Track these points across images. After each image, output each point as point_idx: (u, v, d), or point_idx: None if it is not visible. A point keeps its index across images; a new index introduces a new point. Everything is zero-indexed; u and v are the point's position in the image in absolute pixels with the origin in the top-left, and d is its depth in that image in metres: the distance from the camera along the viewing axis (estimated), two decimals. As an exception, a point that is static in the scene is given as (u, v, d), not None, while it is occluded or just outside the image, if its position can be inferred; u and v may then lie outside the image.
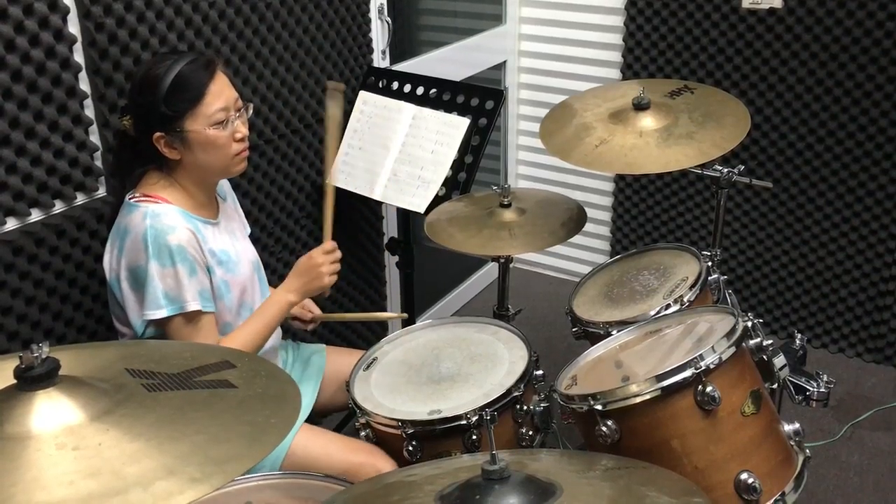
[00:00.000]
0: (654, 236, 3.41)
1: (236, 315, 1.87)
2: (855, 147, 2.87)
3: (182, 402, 1.05)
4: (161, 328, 1.73)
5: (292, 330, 2.24)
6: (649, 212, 3.38)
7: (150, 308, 1.69)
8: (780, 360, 1.67)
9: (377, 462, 1.76)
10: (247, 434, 1.00)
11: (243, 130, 1.77)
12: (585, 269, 2.29)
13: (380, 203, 2.68)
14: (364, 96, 2.54)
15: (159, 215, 1.69)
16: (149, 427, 0.98)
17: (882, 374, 3.06)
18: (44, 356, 0.99)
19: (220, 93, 1.72)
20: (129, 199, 1.74)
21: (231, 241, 1.89)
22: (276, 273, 2.51)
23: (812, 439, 2.70)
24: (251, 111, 1.82)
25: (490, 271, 3.70)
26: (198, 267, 1.72)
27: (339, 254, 1.94)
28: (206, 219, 1.81)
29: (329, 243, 1.94)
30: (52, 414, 0.96)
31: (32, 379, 0.98)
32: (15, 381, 0.99)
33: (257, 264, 1.97)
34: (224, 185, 1.98)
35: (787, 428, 1.59)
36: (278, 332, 2.01)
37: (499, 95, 2.38)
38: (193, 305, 1.71)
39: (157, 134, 1.70)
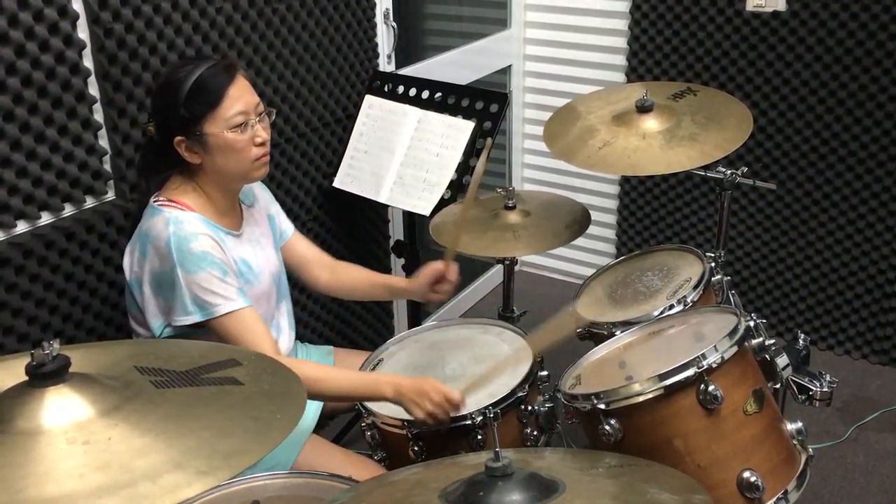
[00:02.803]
0: (658, 238, 3.42)
1: None
2: (859, 149, 2.88)
3: (189, 398, 1.07)
4: (198, 331, 1.73)
5: (299, 332, 2.26)
6: (654, 214, 3.39)
7: (180, 314, 1.70)
8: (782, 360, 1.68)
9: None
10: (252, 429, 1.01)
11: (263, 135, 1.77)
12: (590, 272, 2.30)
13: (386, 206, 2.70)
14: (370, 100, 2.56)
15: (182, 222, 1.69)
16: (157, 422, 1.00)
17: (888, 375, 3.06)
18: (54, 354, 1.01)
19: (240, 97, 1.72)
20: (154, 202, 1.74)
21: (253, 252, 1.88)
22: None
23: (818, 441, 2.71)
24: (273, 117, 1.81)
25: (496, 274, 3.71)
26: (227, 267, 1.73)
27: (452, 411, 1.70)
28: (227, 229, 1.82)
29: (460, 398, 1.70)
30: (62, 410, 0.98)
31: (43, 376, 1.00)
32: (26, 378, 1.01)
33: (277, 276, 1.96)
34: (254, 189, 1.98)
35: (790, 427, 1.60)
36: (291, 336, 2.02)
37: (503, 99, 2.39)
38: (229, 306, 1.70)
39: (178, 138, 1.71)
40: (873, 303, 3.05)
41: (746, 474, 1.49)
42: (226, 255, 1.75)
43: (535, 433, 1.80)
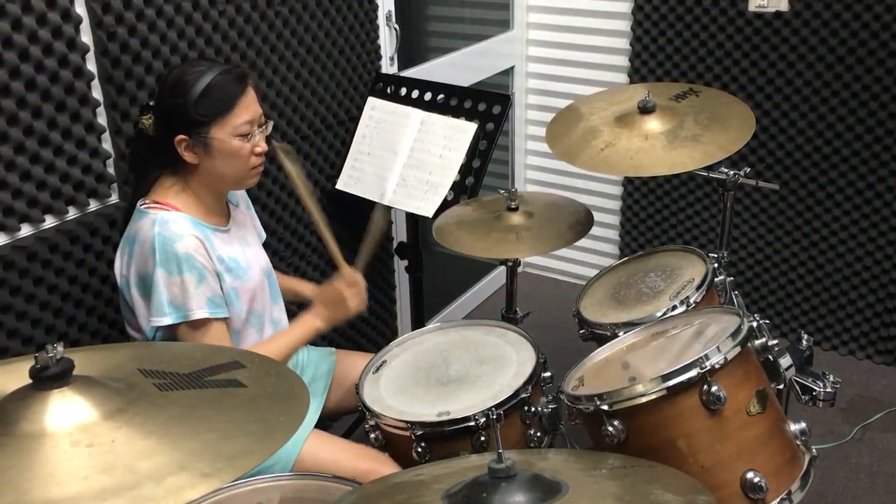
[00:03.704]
0: (662, 239, 3.42)
1: (245, 322, 1.88)
2: (862, 149, 2.88)
3: (193, 400, 1.07)
4: (170, 334, 1.76)
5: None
6: (657, 215, 3.39)
7: (156, 315, 1.71)
8: (785, 361, 1.67)
9: (383, 469, 1.77)
10: (256, 431, 1.02)
11: (263, 146, 1.81)
12: (593, 273, 2.31)
13: (389, 208, 2.70)
14: (372, 102, 2.56)
15: (167, 223, 1.71)
16: (160, 425, 1.00)
17: (892, 375, 3.05)
18: (58, 356, 1.01)
19: (249, 106, 1.76)
20: (140, 205, 1.76)
21: (242, 249, 1.90)
22: (286, 278, 2.53)
23: (822, 441, 2.70)
24: (270, 128, 1.85)
25: (499, 276, 3.71)
26: (207, 274, 1.74)
27: (362, 283, 1.97)
28: (215, 226, 1.83)
29: (348, 274, 1.96)
30: (66, 412, 0.99)
31: (47, 378, 1.01)
32: (30, 381, 1.02)
33: (268, 271, 1.99)
34: (237, 192, 2.00)
35: (793, 427, 1.59)
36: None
37: (506, 100, 2.40)
38: (200, 313, 1.72)
39: (180, 137, 1.73)
40: (877, 303, 3.05)
41: (750, 475, 1.49)
42: (209, 259, 1.76)
43: (539, 434, 1.80)
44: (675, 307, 1.92)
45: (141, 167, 1.83)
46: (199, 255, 1.73)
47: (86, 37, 1.87)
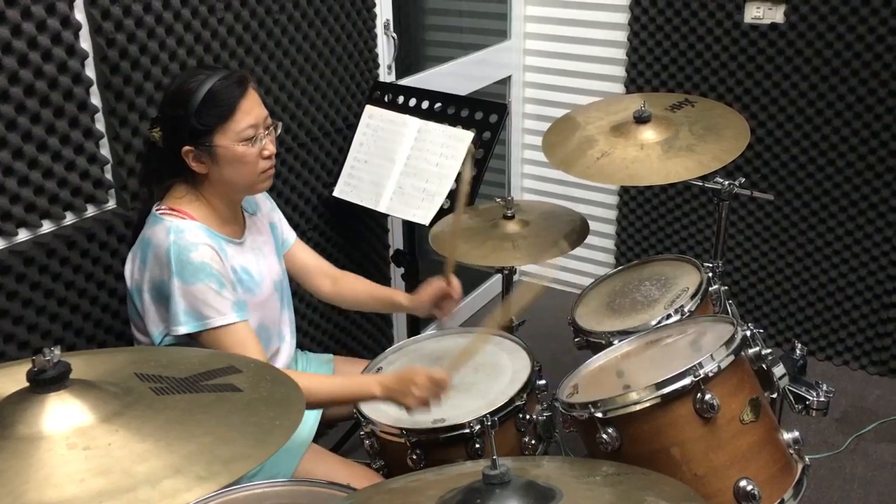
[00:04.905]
0: (658, 249, 3.43)
1: None
2: (857, 160, 2.90)
3: (189, 404, 1.07)
4: (185, 341, 1.74)
5: (298, 341, 2.26)
6: (653, 224, 3.41)
7: (173, 324, 1.70)
8: (779, 370, 1.69)
9: None
10: (252, 435, 1.02)
11: (271, 148, 1.79)
12: (589, 282, 2.31)
13: (385, 215, 2.71)
14: (370, 110, 2.57)
15: (183, 231, 1.70)
16: (157, 428, 1.01)
17: (886, 386, 3.06)
18: (55, 360, 1.02)
19: (251, 110, 1.74)
20: (156, 210, 1.75)
21: (255, 260, 1.89)
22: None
23: (816, 451, 2.71)
24: (279, 130, 1.83)
25: (495, 284, 3.72)
26: (225, 280, 1.73)
27: (446, 390, 1.73)
28: (230, 237, 1.82)
29: (446, 375, 1.72)
30: (63, 415, 0.99)
31: (44, 382, 1.01)
32: (28, 385, 1.02)
33: (280, 284, 1.97)
34: (257, 197, 1.98)
35: (787, 436, 1.60)
36: (292, 344, 2.03)
37: (502, 109, 2.41)
38: (221, 320, 1.71)
39: (186, 147, 1.72)
40: (872, 313, 3.06)
41: (743, 483, 1.50)
42: (224, 267, 1.75)
43: (534, 442, 1.81)
44: (669, 316, 1.93)
45: (155, 176, 1.82)
46: (215, 263, 1.72)
47: (85, 43, 1.88)
